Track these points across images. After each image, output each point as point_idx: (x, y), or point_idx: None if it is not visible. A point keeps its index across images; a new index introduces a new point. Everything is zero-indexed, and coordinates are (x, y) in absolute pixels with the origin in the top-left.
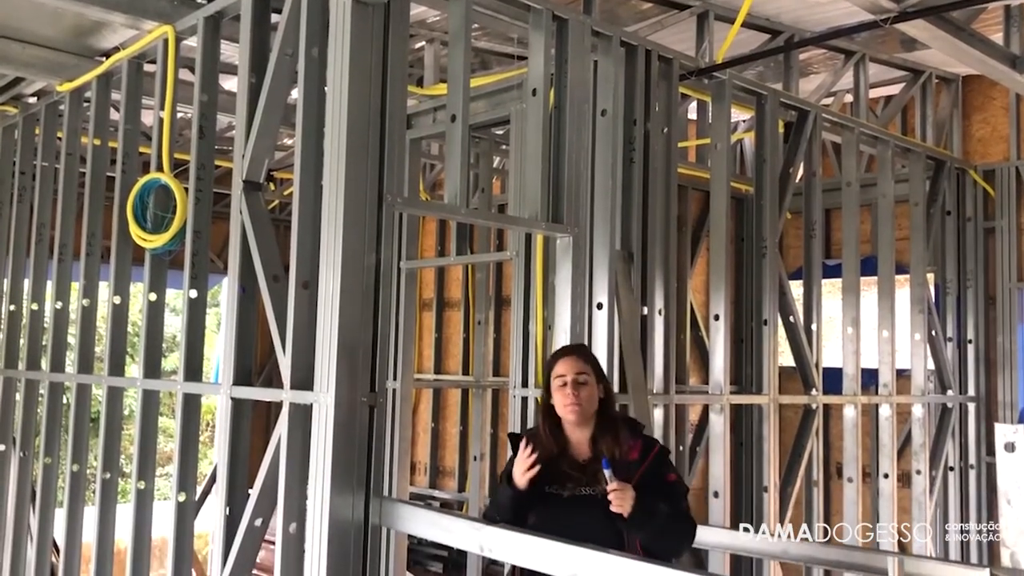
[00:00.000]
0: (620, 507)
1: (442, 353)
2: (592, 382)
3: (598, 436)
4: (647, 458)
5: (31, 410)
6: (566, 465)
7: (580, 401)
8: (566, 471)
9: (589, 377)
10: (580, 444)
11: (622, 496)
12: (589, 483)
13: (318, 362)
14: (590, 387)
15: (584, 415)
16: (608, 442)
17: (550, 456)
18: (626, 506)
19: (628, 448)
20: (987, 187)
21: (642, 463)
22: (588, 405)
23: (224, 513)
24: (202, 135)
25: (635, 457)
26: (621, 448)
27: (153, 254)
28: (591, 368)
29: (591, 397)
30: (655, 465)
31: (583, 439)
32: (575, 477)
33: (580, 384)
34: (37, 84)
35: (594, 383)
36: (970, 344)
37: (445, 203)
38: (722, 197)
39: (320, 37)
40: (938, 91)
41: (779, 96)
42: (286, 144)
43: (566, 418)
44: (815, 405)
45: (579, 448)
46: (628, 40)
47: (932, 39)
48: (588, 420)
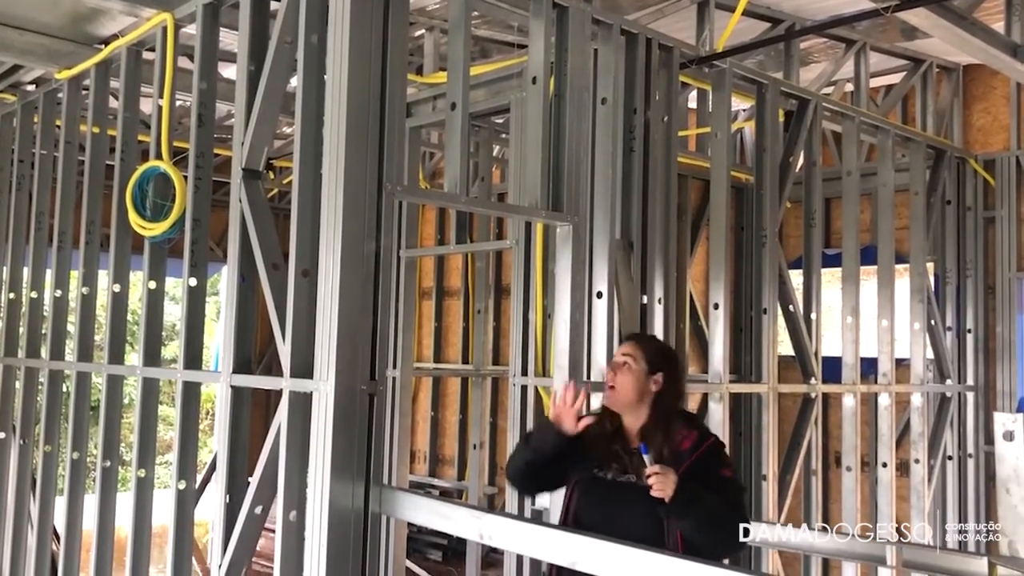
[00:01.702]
0: (660, 491)
1: (442, 342)
2: (635, 368)
3: (648, 428)
4: (699, 448)
5: (31, 398)
6: (618, 446)
7: (614, 383)
8: (615, 450)
9: (632, 363)
10: (632, 430)
11: (663, 480)
12: (635, 471)
13: (318, 350)
14: (630, 373)
15: (617, 402)
16: (657, 433)
17: (604, 435)
18: (667, 490)
19: (680, 439)
20: (987, 176)
21: (693, 453)
22: (621, 391)
23: (224, 501)
24: (201, 123)
25: (687, 447)
26: (671, 442)
27: (152, 242)
28: (642, 354)
29: (627, 384)
30: (707, 457)
31: (634, 427)
32: (622, 461)
33: (619, 366)
34: (35, 72)
35: (640, 371)
36: (969, 333)
37: (445, 191)
38: (722, 186)
39: (319, 24)
40: (939, 80)
41: (779, 85)
42: (285, 132)
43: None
44: (814, 394)
45: (630, 434)
46: (628, 28)
47: (933, 27)
48: (635, 408)
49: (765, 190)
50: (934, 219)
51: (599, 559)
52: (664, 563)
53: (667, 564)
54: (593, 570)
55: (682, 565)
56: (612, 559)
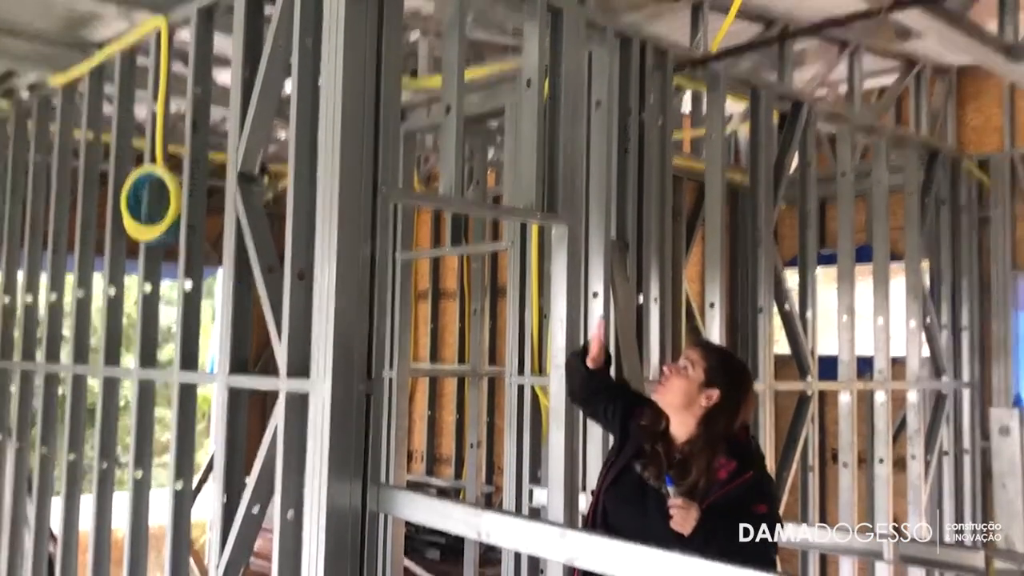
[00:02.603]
0: (680, 525)
1: (438, 342)
2: (693, 376)
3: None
4: (734, 481)
5: (27, 401)
6: (661, 447)
7: (664, 381)
8: (658, 451)
9: (692, 369)
10: (678, 436)
11: (684, 515)
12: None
13: (314, 350)
14: (684, 378)
15: (663, 399)
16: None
17: (654, 429)
18: (685, 527)
19: (718, 467)
20: (982, 176)
21: (726, 484)
22: (668, 392)
23: (221, 501)
24: (195, 127)
25: (722, 477)
26: (712, 468)
27: (147, 246)
28: (702, 363)
29: (676, 387)
30: (743, 491)
31: (680, 433)
32: (662, 466)
33: (678, 368)
34: (29, 77)
35: (695, 379)
36: (965, 331)
37: (440, 194)
38: (717, 187)
39: (314, 28)
40: (932, 81)
41: (773, 87)
42: (280, 137)
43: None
44: (810, 392)
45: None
46: (623, 31)
47: (927, 28)
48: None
49: (760, 191)
50: (929, 218)
51: (598, 557)
52: (666, 561)
53: (669, 562)
54: (592, 568)
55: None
56: (611, 557)
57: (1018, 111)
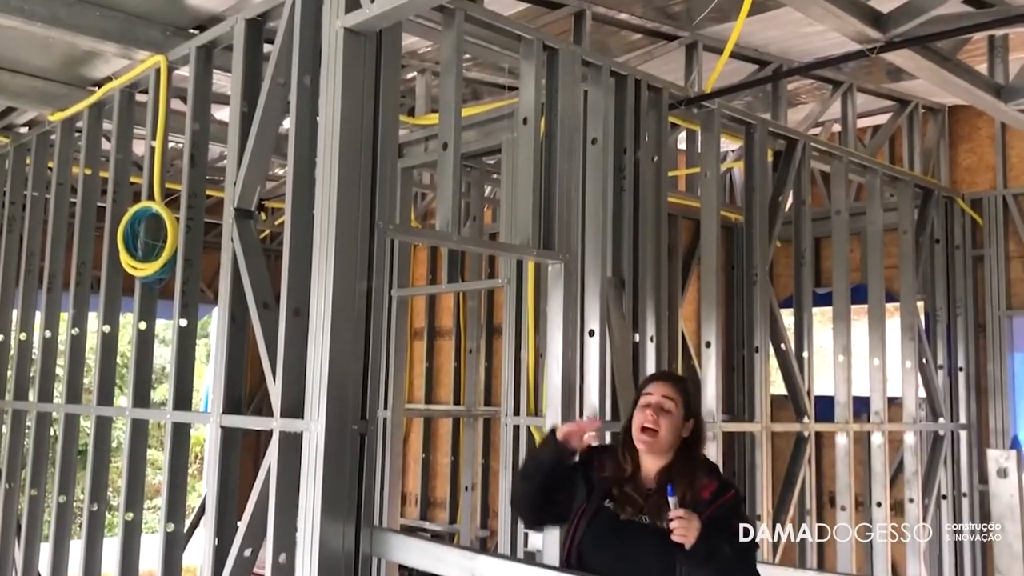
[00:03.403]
0: (683, 536)
1: (433, 382)
2: (677, 415)
3: (672, 470)
4: (718, 499)
5: (18, 441)
6: (631, 489)
7: (657, 427)
8: (629, 494)
9: (675, 408)
10: (649, 472)
11: (687, 526)
12: (650, 513)
13: (308, 390)
14: (672, 418)
15: (656, 447)
16: (683, 479)
17: (619, 476)
18: (690, 537)
19: (701, 487)
20: (975, 215)
21: (712, 503)
22: (665, 436)
23: (213, 543)
24: (193, 164)
25: (706, 497)
26: (694, 487)
27: (143, 283)
28: (682, 399)
29: (670, 429)
30: (726, 509)
31: (652, 468)
32: (637, 503)
33: (663, 410)
34: (28, 114)
35: (679, 417)
36: (961, 372)
37: (437, 230)
38: (712, 225)
39: (312, 66)
40: (925, 121)
41: (768, 125)
42: (277, 174)
43: (636, 440)
44: (807, 433)
45: (647, 475)
46: (618, 70)
47: (918, 68)
48: (662, 453)
49: (755, 229)
50: (923, 258)
51: None
52: None
53: None
54: None
55: None
56: None
57: (1010, 151)
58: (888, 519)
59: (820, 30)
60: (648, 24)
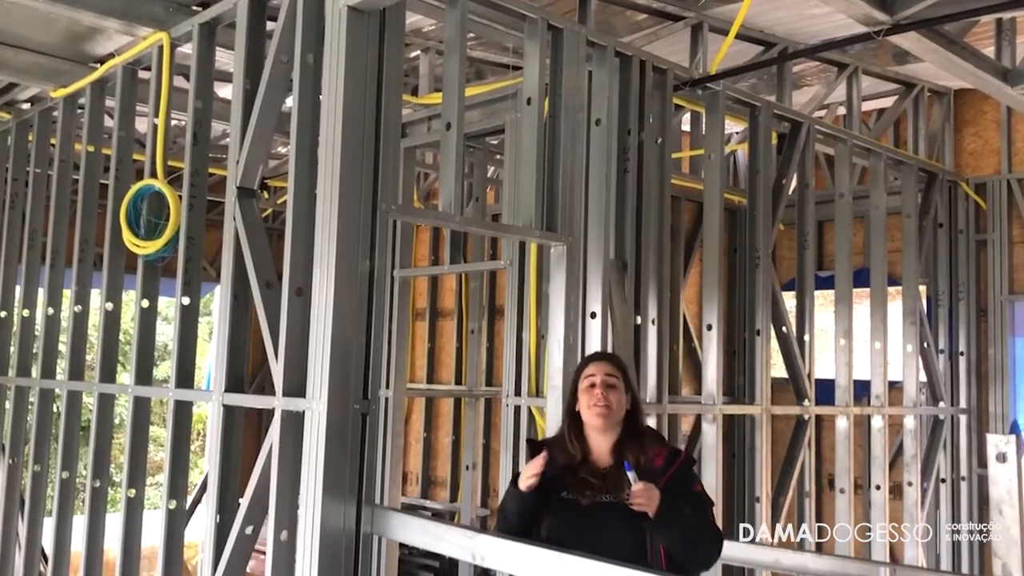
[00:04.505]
0: (645, 506)
1: (435, 362)
2: (621, 388)
3: (623, 443)
4: (672, 465)
5: (21, 417)
6: (586, 472)
7: (609, 403)
8: (585, 478)
9: (618, 382)
10: (601, 451)
11: (648, 495)
12: (610, 491)
13: (311, 369)
14: (619, 392)
15: (611, 420)
16: (633, 449)
17: (571, 463)
18: (652, 506)
19: (653, 455)
20: (979, 200)
21: (667, 470)
22: (616, 410)
23: (214, 521)
24: (196, 142)
25: (660, 464)
26: (646, 455)
27: (146, 261)
28: (621, 375)
29: (619, 403)
30: (681, 474)
31: (605, 447)
32: (595, 485)
33: (609, 387)
34: (31, 90)
35: (623, 390)
36: (962, 356)
37: (439, 211)
38: (715, 208)
39: (316, 44)
40: (930, 104)
41: (772, 107)
42: (280, 152)
43: (591, 421)
44: (807, 416)
45: (600, 455)
46: (623, 50)
47: (924, 51)
48: (613, 427)
49: (758, 212)
50: (926, 242)
51: None
52: None
53: None
54: None
55: None
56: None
57: (1015, 135)
58: (887, 502)
59: (826, 12)
60: (653, 4)
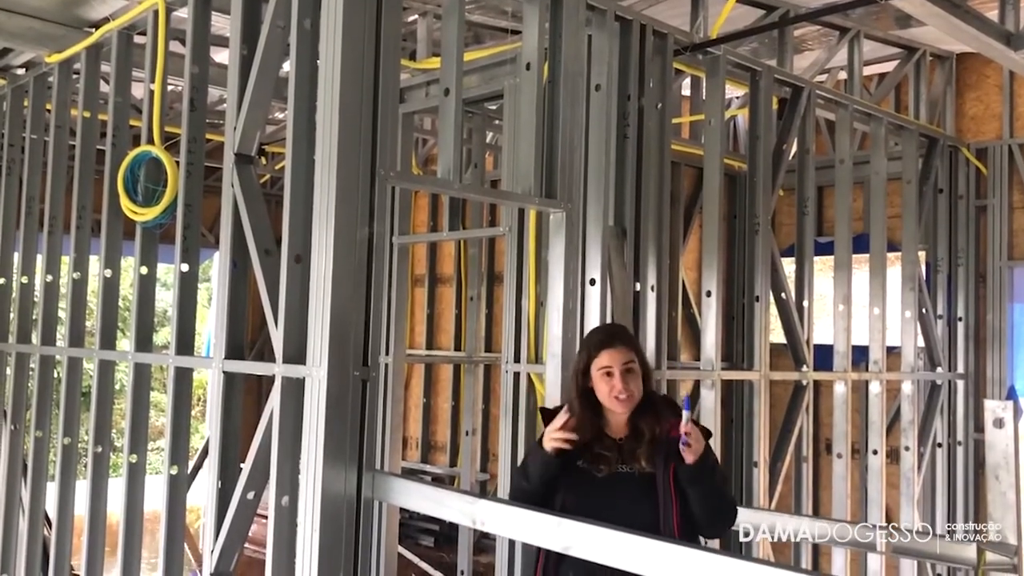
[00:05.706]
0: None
1: (434, 329)
2: (638, 371)
3: (638, 415)
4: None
5: (22, 383)
6: (601, 446)
7: (631, 392)
8: (600, 452)
9: (635, 365)
10: (617, 424)
11: (698, 436)
12: (625, 461)
13: (310, 336)
14: (637, 376)
15: (632, 404)
16: (648, 421)
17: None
18: (699, 447)
19: (669, 427)
20: (979, 165)
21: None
22: (637, 394)
23: (216, 486)
24: (193, 107)
25: (676, 435)
26: (661, 426)
27: (144, 227)
28: (636, 356)
29: (639, 385)
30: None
31: (621, 419)
32: (609, 457)
33: (628, 372)
34: (25, 55)
35: (639, 372)
36: (960, 322)
37: (438, 178)
38: (715, 173)
39: (313, 9)
40: (932, 69)
41: (773, 72)
42: (278, 118)
43: (613, 407)
44: (805, 381)
45: (616, 428)
46: (623, 14)
47: (927, 15)
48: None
49: (758, 178)
50: (926, 207)
51: (594, 544)
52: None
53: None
54: (588, 556)
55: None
56: (607, 544)
57: (1017, 100)
58: (884, 467)
59: None
60: None
